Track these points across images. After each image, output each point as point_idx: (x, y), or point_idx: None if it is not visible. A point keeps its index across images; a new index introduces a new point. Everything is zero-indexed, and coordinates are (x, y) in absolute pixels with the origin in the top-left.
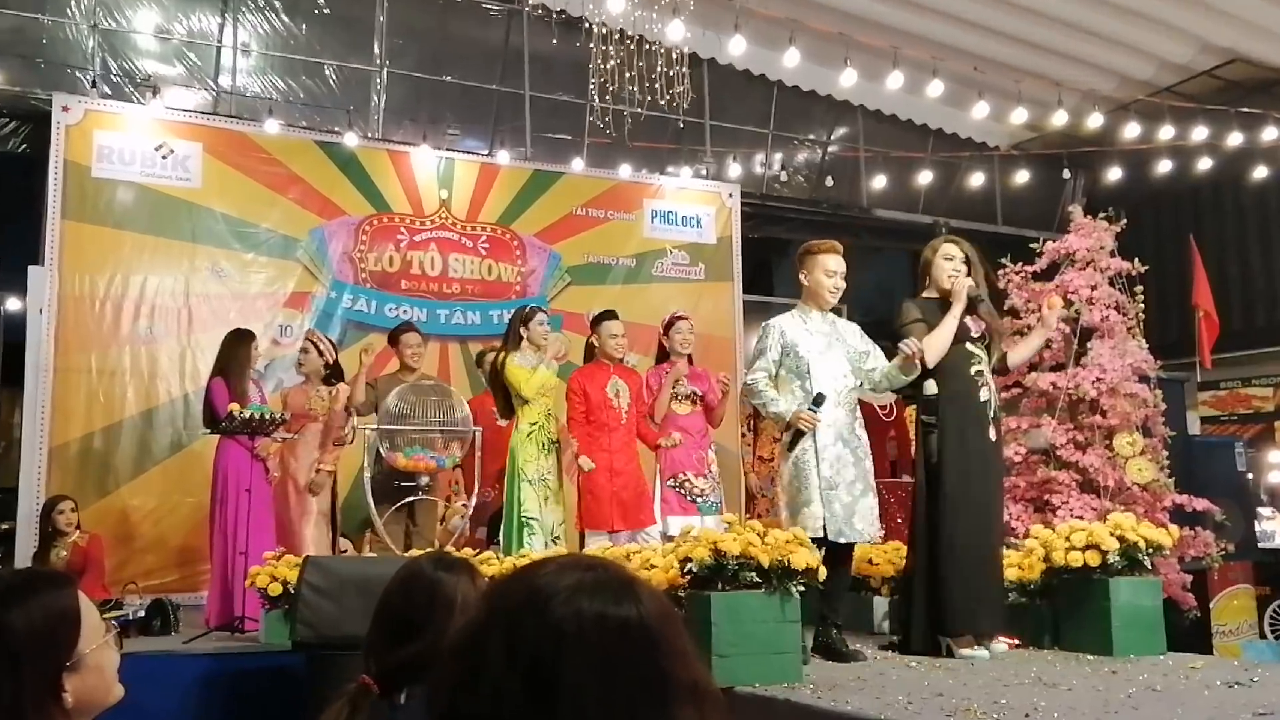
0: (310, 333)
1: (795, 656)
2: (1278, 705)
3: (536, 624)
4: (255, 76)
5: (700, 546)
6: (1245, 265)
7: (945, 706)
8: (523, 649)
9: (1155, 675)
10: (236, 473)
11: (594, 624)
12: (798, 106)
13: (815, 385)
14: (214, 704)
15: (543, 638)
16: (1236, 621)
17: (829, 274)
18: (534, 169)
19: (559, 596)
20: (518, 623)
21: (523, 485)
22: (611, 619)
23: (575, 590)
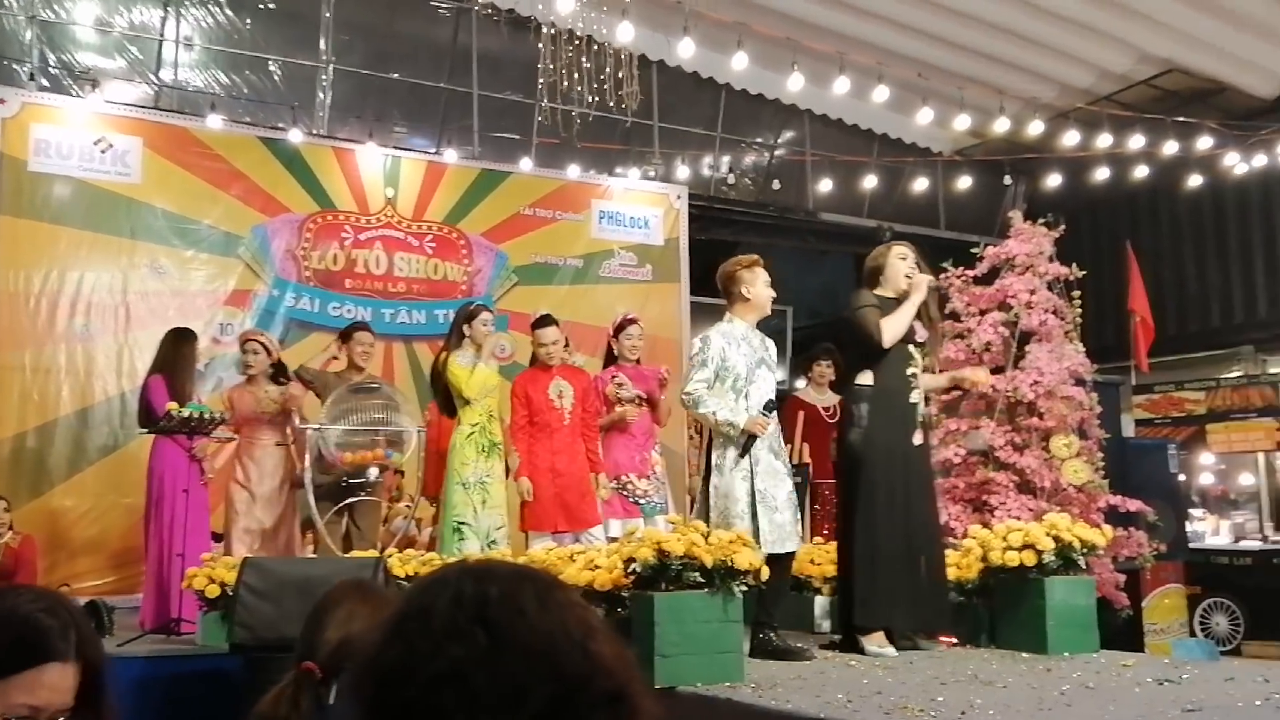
0: (253, 332)
1: (737, 656)
2: (1206, 702)
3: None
4: (198, 71)
5: (644, 547)
6: (1180, 272)
7: (883, 704)
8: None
9: (1088, 673)
10: (173, 473)
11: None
12: (745, 109)
13: (754, 394)
14: (149, 707)
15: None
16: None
17: (768, 285)
18: (481, 168)
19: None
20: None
21: (456, 488)
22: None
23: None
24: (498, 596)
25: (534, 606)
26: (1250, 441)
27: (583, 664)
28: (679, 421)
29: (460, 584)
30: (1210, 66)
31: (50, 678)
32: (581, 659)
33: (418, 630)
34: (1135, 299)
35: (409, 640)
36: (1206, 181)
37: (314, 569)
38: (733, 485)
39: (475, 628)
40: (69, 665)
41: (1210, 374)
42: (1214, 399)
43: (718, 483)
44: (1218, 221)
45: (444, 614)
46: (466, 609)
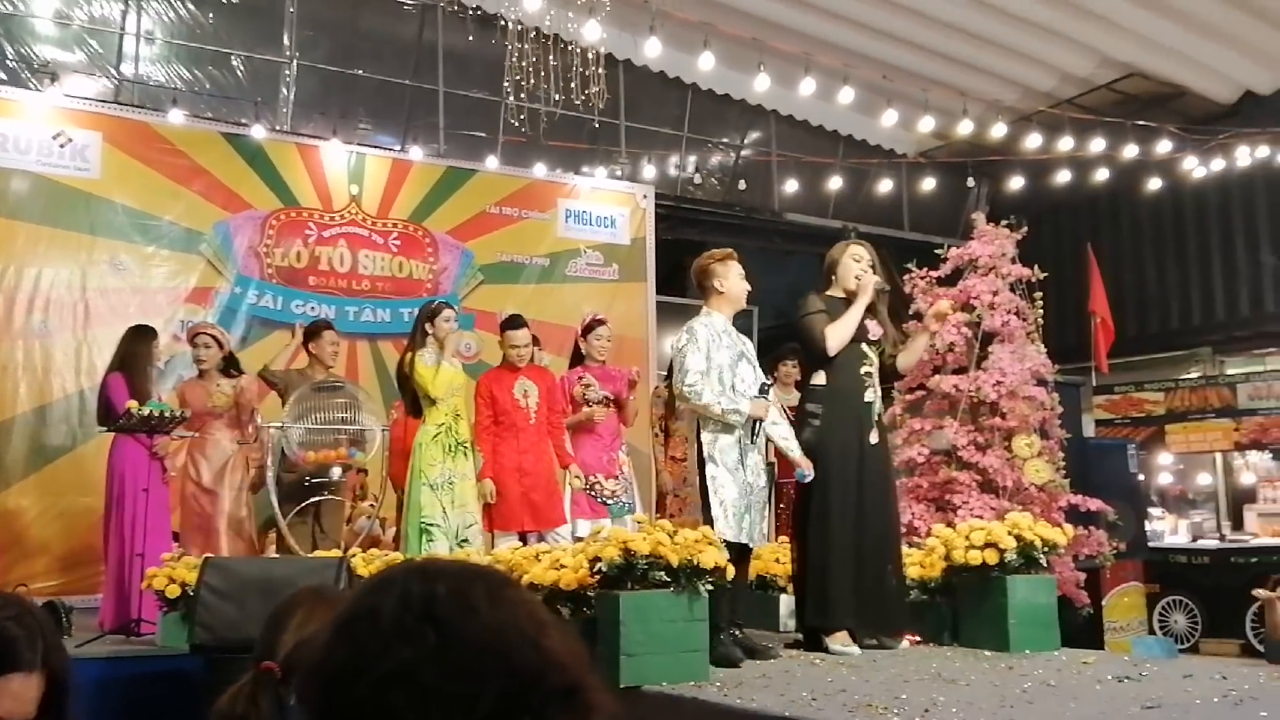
0: (203, 325)
1: (703, 655)
2: (1165, 699)
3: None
4: (159, 65)
5: (610, 546)
6: (1139, 274)
7: (848, 702)
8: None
9: (1050, 670)
10: (134, 472)
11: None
12: (712, 110)
13: (740, 387)
14: (109, 708)
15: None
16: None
17: (742, 278)
18: (447, 166)
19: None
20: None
21: (423, 489)
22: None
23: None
24: (446, 594)
25: (485, 603)
26: (1208, 442)
27: (535, 659)
28: (644, 420)
29: (407, 583)
30: (1170, 71)
31: (15, 687)
32: (534, 654)
33: (365, 631)
34: (1095, 301)
35: (356, 641)
36: (1166, 185)
37: (276, 569)
38: (729, 478)
39: (424, 626)
40: (34, 675)
41: (1169, 375)
42: (1172, 400)
43: (715, 474)
44: (1177, 225)
45: (391, 614)
46: (414, 608)
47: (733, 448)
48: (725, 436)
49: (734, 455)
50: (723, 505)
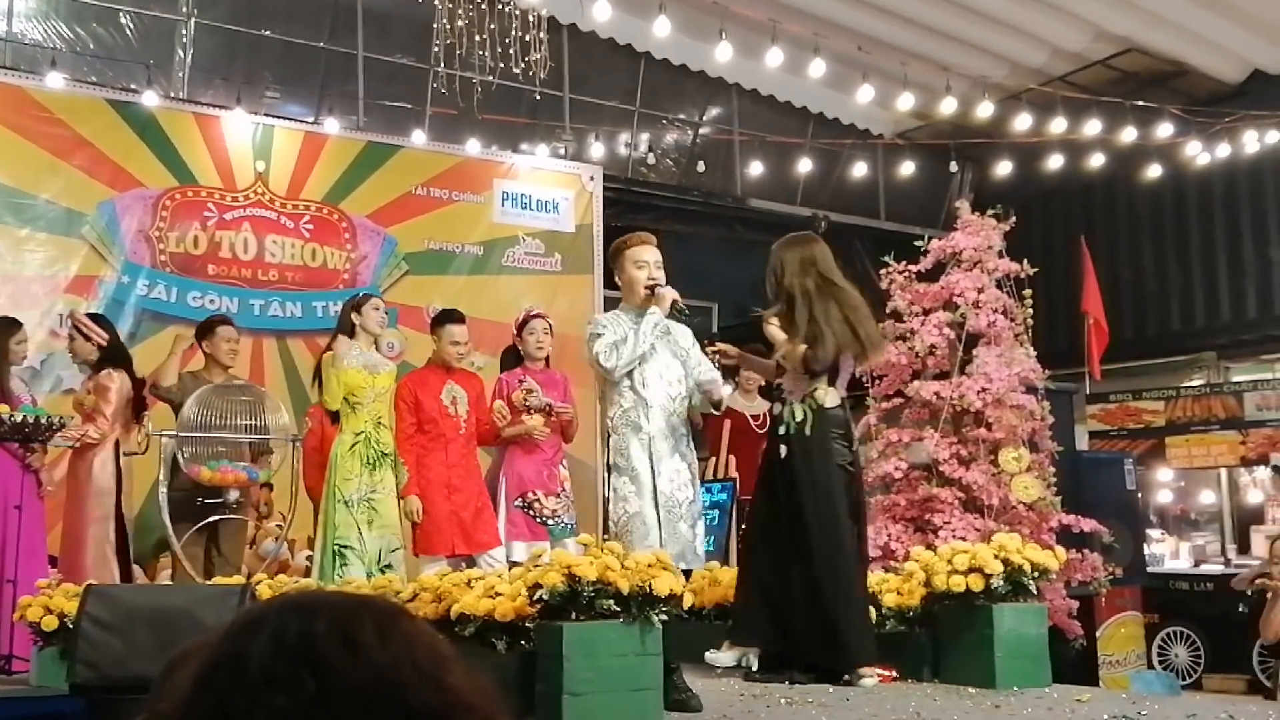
0: (72, 314)
1: (656, 694)
2: None
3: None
4: (36, 22)
5: (552, 571)
6: (1137, 270)
7: None
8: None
9: (1040, 709)
10: (4, 487)
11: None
12: (667, 82)
13: (649, 380)
14: None
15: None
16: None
17: (638, 266)
18: (367, 141)
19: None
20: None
21: (337, 507)
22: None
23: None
24: (326, 632)
25: (373, 640)
26: (1212, 456)
27: (436, 700)
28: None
29: (281, 621)
30: (1172, 47)
31: None
32: (434, 694)
33: (230, 681)
34: (1089, 300)
35: (219, 694)
36: (1167, 172)
37: (169, 598)
38: (631, 485)
39: (300, 671)
40: None
41: (1170, 382)
42: (1174, 409)
43: (617, 485)
44: (1179, 216)
45: (261, 659)
46: (289, 650)
47: (642, 454)
48: (634, 441)
49: (644, 463)
50: (628, 518)
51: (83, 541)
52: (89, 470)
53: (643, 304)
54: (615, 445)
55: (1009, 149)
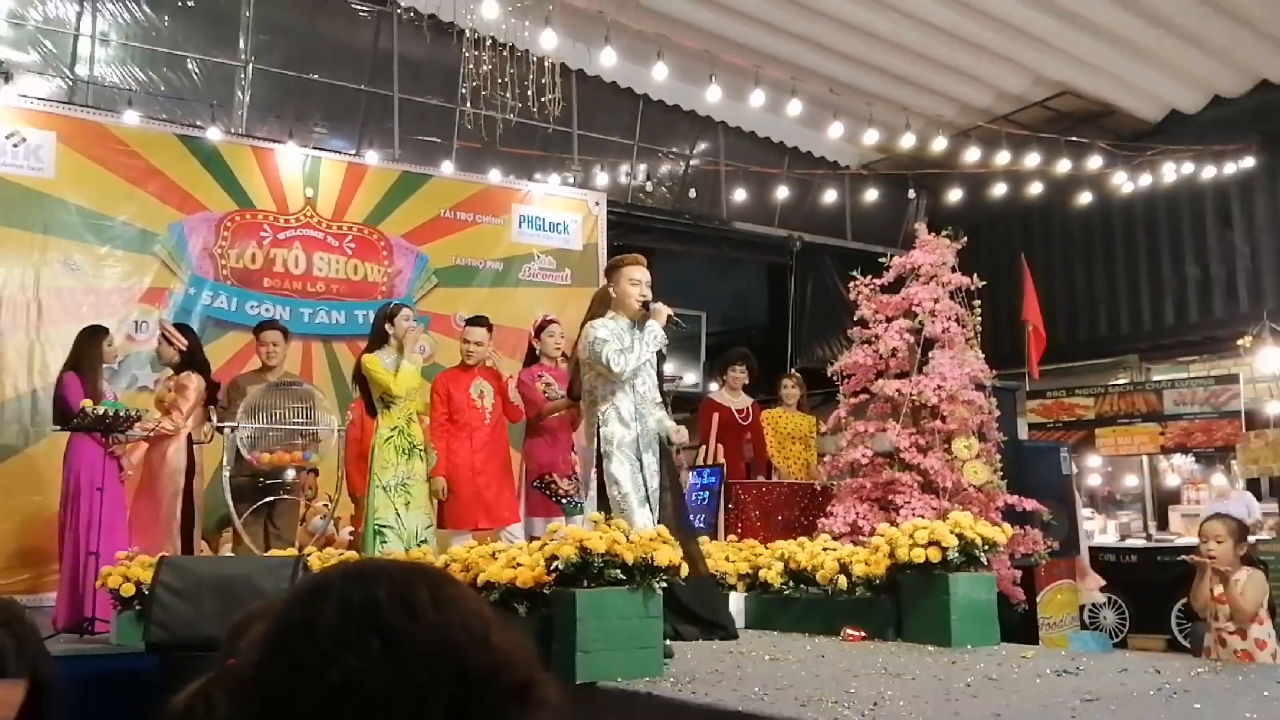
0: (160, 323)
1: (656, 651)
2: (1102, 692)
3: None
4: (114, 67)
5: (566, 545)
6: (1070, 284)
7: (798, 696)
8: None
9: (991, 665)
10: (89, 471)
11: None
12: (663, 120)
13: (636, 388)
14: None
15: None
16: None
17: (634, 283)
18: (402, 170)
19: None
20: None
21: (377, 492)
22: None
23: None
24: (388, 599)
25: (429, 605)
26: (1135, 445)
27: (486, 659)
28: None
29: (346, 588)
30: (1101, 90)
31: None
32: (485, 653)
33: (302, 644)
34: (1029, 309)
35: (292, 656)
36: (1096, 199)
37: (232, 568)
38: (626, 478)
39: (368, 634)
40: (19, 683)
41: (1098, 381)
42: (1102, 405)
43: (612, 469)
44: (1106, 237)
45: (331, 623)
46: (356, 615)
47: (632, 444)
48: (625, 433)
49: (631, 452)
50: (619, 501)
51: (155, 519)
52: (163, 456)
53: (634, 315)
54: (606, 436)
55: (959, 178)
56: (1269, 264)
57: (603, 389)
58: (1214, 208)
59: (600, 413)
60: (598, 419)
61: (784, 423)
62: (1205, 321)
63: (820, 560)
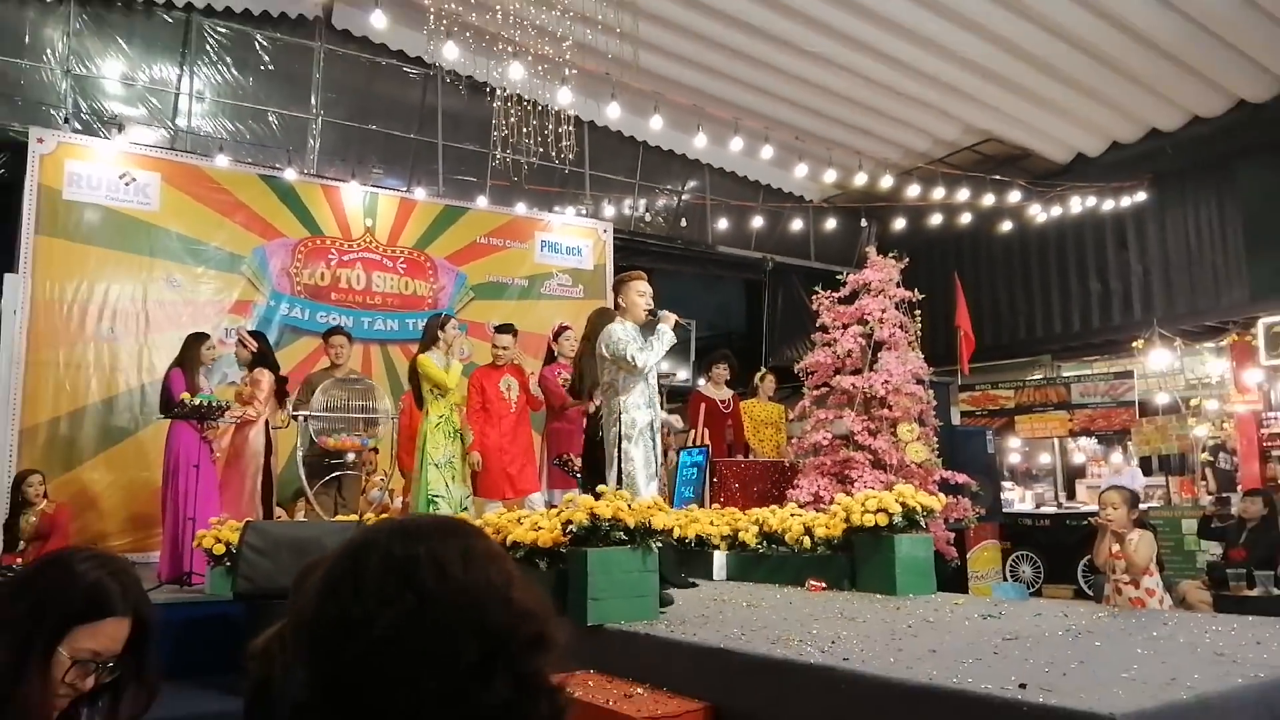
0: (237, 330)
1: (653, 599)
2: (1020, 632)
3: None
4: (208, 119)
5: (579, 511)
6: (995, 297)
7: (769, 635)
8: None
9: (928, 610)
10: (187, 451)
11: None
12: (659, 162)
13: (650, 383)
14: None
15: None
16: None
17: (640, 294)
18: (445, 204)
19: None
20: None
21: (429, 469)
22: (398, 558)
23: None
24: (425, 557)
25: (459, 564)
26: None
27: (505, 616)
28: None
29: (390, 545)
30: (1019, 136)
31: (110, 629)
32: (505, 611)
33: (349, 593)
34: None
35: (341, 603)
36: (1016, 227)
37: (304, 531)
38: (644, 462)
39: (405, 592)
40: (125, 620)
41: (1018, 376)
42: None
43: (630, 450)
44: (1024, 258)
45: (374, 577)
46: (395, 572)
47: (648, 429)
48: (641, 419)
49: (648, 436)
50: (632, 476)
51: (240, 490)
52: (246, 439)
53: (640, 321)
54: (627, 421)
55: (903, 210)
56: (1158, 280)
57: (623, 381)
58: (1113, 234)
59: (621, 401)
60: (619, 407)
61: (758, 411)
62: (1106, 327)
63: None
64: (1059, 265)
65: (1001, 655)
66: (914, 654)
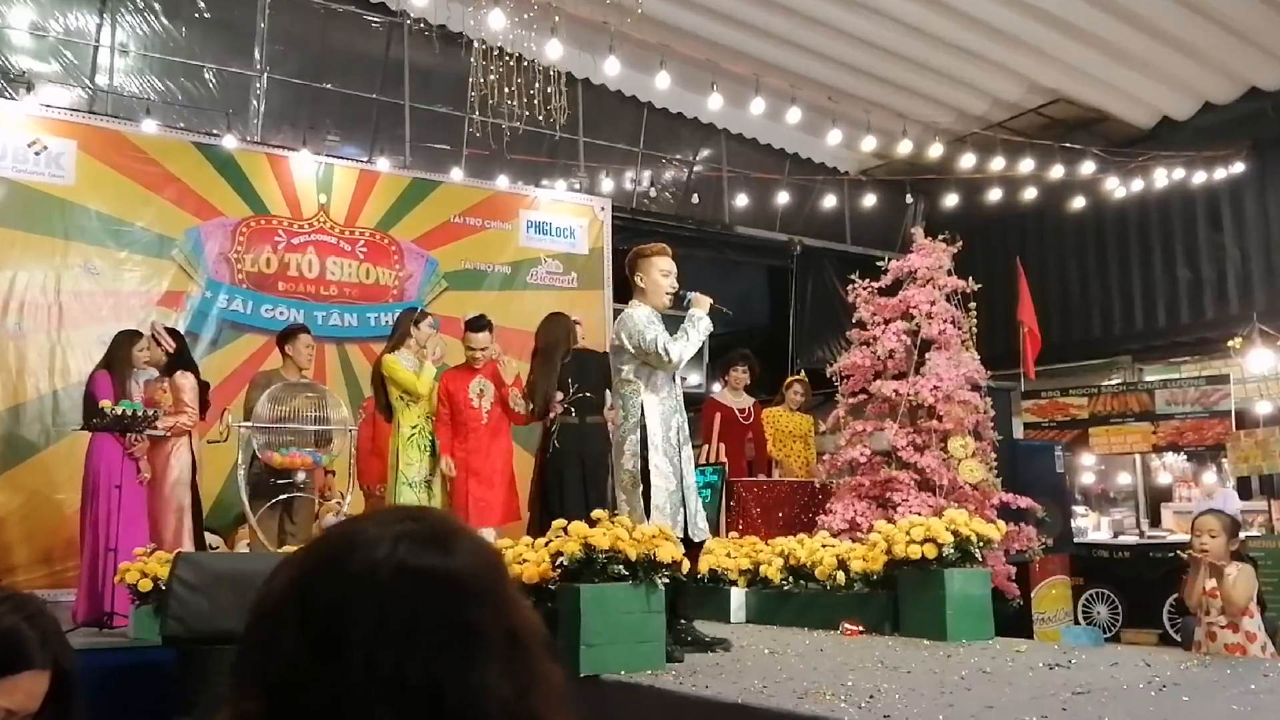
0: (152, 324)
1: (659, 645)
2: (1093, 684)
3: (331, 577)
4: (133, 77)
5: (571, 541)
6: (1064, 286)
7: (797, 689)
8: (314, 606)
9: (985, 658)
10: (108, 469)
11: (390, 574)
12: (666, 127)
13: (678, 382)
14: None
15: (333, 592)
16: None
17: (664, 274)
18: (413, 177)
19: (359, 548)
20: (313, 578)
21: (403, 488)
22: (411, 569)
23: (377, 541)
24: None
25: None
26: (1128, 444)
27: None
28: None
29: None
30: (1094, 97)
31: (26, 684)
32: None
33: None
34: (1024, 311)
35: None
36: (1089, 204)
37: (247, 564)
38: (661, 470)
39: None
40: (44, 673)
41: (1091, 381)
42: (1095, 404)
43: (658, 463)
44: (1099, 240)
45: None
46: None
47: (674, 439)
48: (669, 428)
49: (674, 447)
50: (662, 495)
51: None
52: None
53: (662, 306)
54: (652, 429)
55: (955, 183)
56: (1258, 266)
57: (648, 378)
58: (1204, 212)
59: (642, 403)
60: (638, 411)
61: (784, 422)
62: (1196, 323)
63: (819, 556)
64: (1140, 249)
65: (1071, 713)
66: (967, 710)
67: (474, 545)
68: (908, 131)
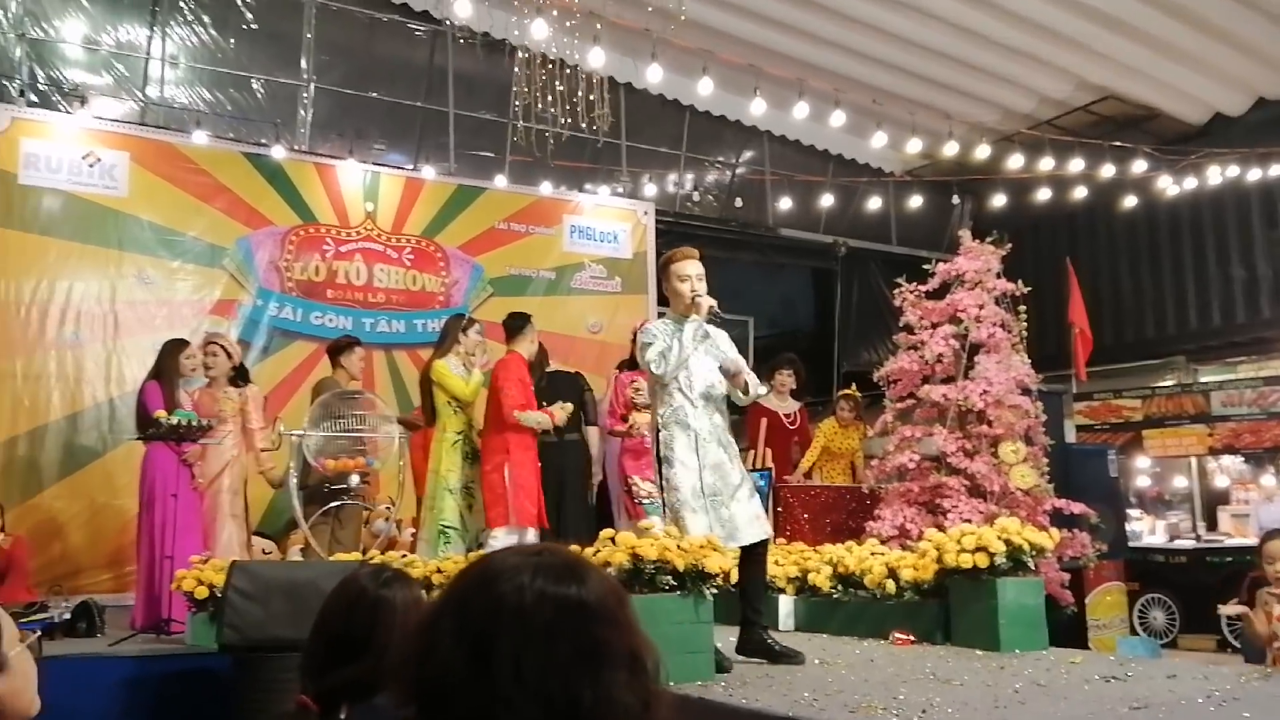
0: (213, 335)
1: (708, 656)
2: (1151, 699)
3: (482, 600)
4: (183, 88)
5: (619, 551)
6: (1116, 286)
7: (848, 702)
8: (468, 623)
9: (1039, 670)
10: (163, 477)
11: (534, 599)
12: (709, 130)
13: (694, 382)
14: (139, 705)
15: (486, 612)
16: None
17: (681, 279)
18: (458, 184)
19: (505, 576)
20: (466, 600)
21: (444, 494)
22: (550, 595)
23: (520, 570)
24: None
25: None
26: (1183, 446)
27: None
28: None
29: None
30: (1144, 94)
31: None
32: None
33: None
34: (1075, 312)
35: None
36: (1141, 202)
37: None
38: (681, 480)
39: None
40: None
41: (1145, 383)
42: (1149, 406)
43: (669, 475)
44: (1151, 240)
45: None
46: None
47: (689, 448)
48: (681, 437)
49: (691, 456)
50: (676, 509)
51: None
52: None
53: (687, 312)
54: (665, 440)
55: (1003, 184)
56: None
57: (659, 392)
58: (1259, 209)
59: (659, 415)
60: (658, 422)
61: (836, 440)
62: (1252, 322)
63: (868, 564)
64: (1194, 248)
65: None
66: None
67: (600, 576)
68: (954, 132)
